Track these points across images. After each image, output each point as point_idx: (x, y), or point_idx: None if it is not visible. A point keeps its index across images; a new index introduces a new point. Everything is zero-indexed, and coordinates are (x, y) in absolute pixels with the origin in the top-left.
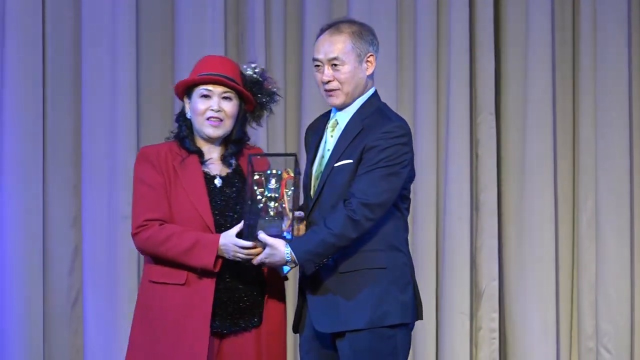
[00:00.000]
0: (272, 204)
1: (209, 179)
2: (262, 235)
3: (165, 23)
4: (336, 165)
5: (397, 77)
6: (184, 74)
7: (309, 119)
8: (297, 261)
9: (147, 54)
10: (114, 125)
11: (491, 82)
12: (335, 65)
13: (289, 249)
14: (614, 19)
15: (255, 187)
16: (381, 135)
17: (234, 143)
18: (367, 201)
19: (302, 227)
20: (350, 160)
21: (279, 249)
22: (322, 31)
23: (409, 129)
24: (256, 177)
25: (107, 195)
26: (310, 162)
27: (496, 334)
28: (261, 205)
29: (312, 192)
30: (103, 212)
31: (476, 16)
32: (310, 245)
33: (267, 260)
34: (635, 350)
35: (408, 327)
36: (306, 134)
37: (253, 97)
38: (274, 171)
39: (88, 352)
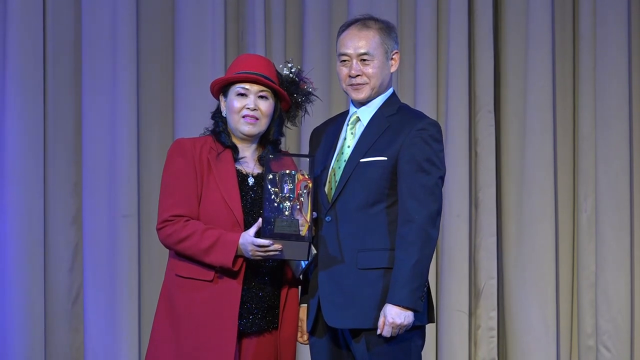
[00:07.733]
0: (287, 204)
1: (242, 176)
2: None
3: (165, 22)
4: (362, 160)
5: (396, 75)
6: (184, 73)
7: (309, 117)
8: (415, 307)
9: (147, 52)
10: (114, 124)
11: (490, 79)
12: (365, 60)
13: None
14: (614, 19)
15: (271, 187)
16: (416, 133)
17: (272, 144)
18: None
19: (313, 227)
20: (384, 158)
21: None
22: (346, 27)
23: (440, 125)
24: (271, 177)
25: (108, 194)
26: (323, 159)
27: (495, 332)
28: (276, 205)
29: (327, 187)
30: (103, 210)
31: (475, 14)
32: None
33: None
34: (634, 348)
35: (423, 330)
36: (312, 136)
37: (289, 97)
38: (289, 172)
39: (88, 349)
